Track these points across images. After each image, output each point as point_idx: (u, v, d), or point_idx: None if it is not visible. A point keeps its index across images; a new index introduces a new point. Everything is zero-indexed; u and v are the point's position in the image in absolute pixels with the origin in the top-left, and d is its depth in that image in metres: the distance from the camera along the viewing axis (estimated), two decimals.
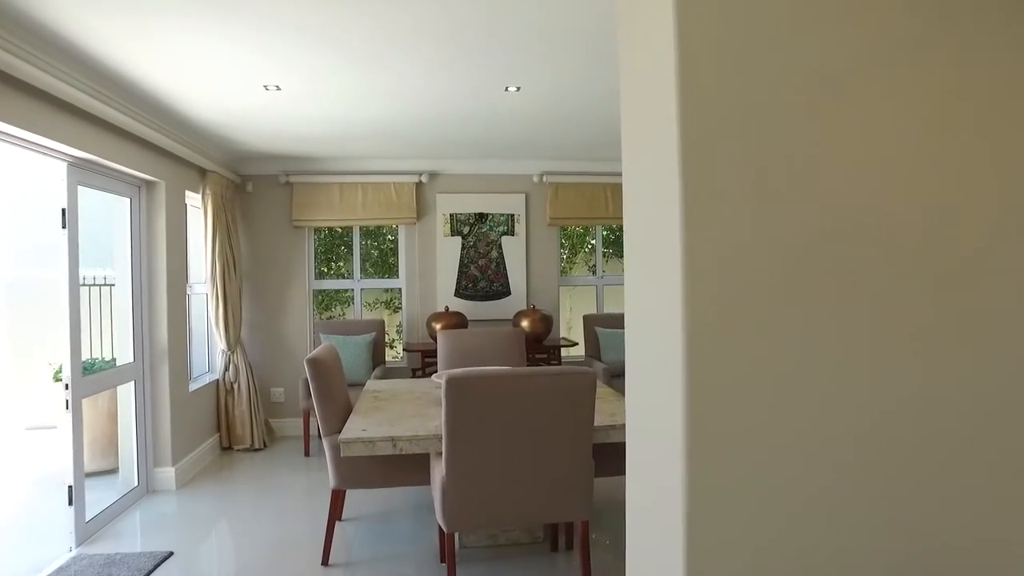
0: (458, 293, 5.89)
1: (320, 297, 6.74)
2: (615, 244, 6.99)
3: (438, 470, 2.59)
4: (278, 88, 3.48)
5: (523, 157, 5.78)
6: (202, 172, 4.84)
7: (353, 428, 2.76)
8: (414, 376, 5.51)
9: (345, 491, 3.22)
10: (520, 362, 4.32)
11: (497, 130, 4.66)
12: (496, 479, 2.50)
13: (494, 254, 5.95)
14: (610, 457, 3.21)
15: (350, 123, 4.33)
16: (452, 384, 2.38)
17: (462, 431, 2.43)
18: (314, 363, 3.08)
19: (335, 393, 3.18)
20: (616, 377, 5.53)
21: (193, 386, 4.68)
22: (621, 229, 6.96)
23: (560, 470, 2.55)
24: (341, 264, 7.29)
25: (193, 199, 4.91)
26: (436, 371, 5.33)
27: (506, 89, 3.61)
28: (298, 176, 5.59)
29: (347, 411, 3.33)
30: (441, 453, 2.61)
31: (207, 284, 4.94)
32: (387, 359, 5.91)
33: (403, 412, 3.06)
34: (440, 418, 2.70)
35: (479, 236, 5.93)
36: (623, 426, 2.87)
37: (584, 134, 4.84)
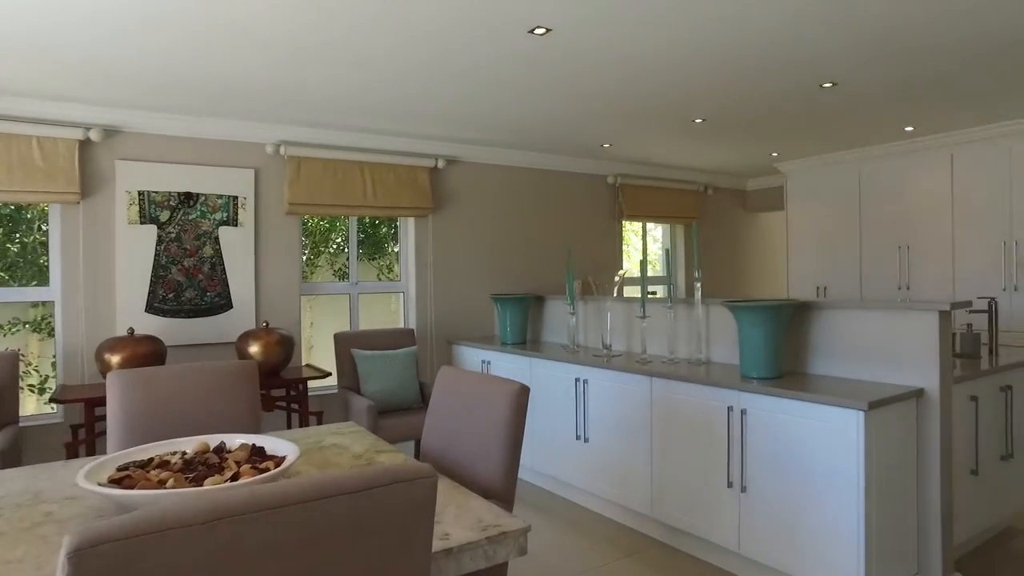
0: (152, 308, 4.05)
1: None
2: (371, 243, 5.67)
3: None
4: None
5: (256, 117, 4.18)
6: None
7: None
8: (75, 442, 3.54)
9: None
10: (253, 414, 2.79)
11: (223, 56, 3.07)
12: None
13: (208, 251, 4.23)
14: None
15: None
16: (83, 562, 0.90)
17: None
18: None
19: None
20: (384, 415, 4.23)
21: None
22: (380, 223, 5.71)
23: None
24: None
25: None
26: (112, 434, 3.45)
27: None
28: None
29: None
30: None
31: None
32: (24, 414, 3.82)
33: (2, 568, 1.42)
34: None
35: (185, 225, 4.16)
36: (485, 544, 1.61)
37: (363, 82, 3.48)
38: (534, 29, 2.76)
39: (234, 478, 1.70)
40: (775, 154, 5.80)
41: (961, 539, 2.97)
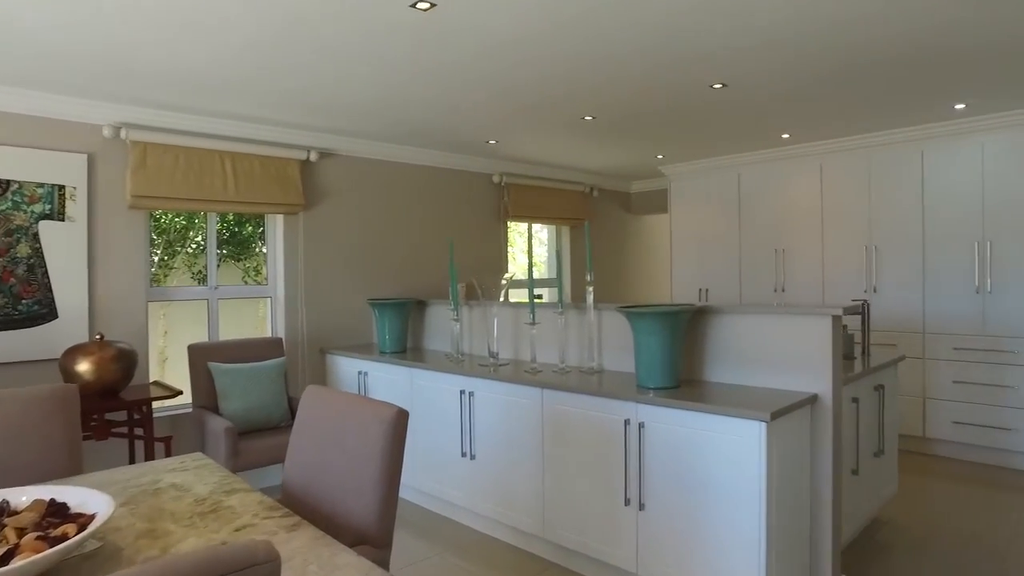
0: None
1: None
2: (236, 242, 5.10)
3: None
4: None
5: (87, 93, 3.55)
6: None
7: None
8: None
9: None
10: (71, 452, 2.28)
11: (30, 8, 2.51)
12: None
13: (24, 250, 3.56)
14: None
15: None
16: None
17: None
18: None
19: None
20: (246, 436, 3.75)
21: None
22: (245, 220, 5.12)
23: None
24: None
25: None
26: None
27: None
28: None
29: None
30: None
31: None
32: None
33: None
34: None
35: None
36: None
37: (208, 50, 3.00)
38: (416, 3, 2.45)
39: (7, 557, 1.26)
40: (660, 156, 5.82)
41: (843, 539, 2.98)
